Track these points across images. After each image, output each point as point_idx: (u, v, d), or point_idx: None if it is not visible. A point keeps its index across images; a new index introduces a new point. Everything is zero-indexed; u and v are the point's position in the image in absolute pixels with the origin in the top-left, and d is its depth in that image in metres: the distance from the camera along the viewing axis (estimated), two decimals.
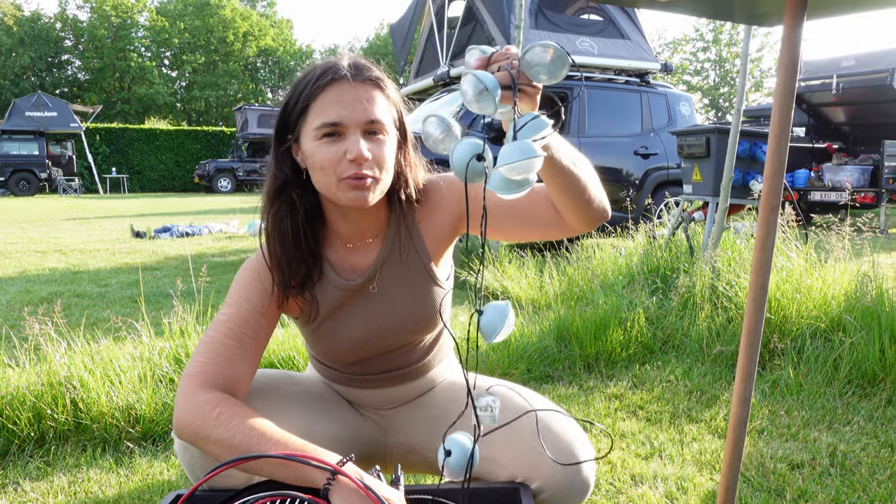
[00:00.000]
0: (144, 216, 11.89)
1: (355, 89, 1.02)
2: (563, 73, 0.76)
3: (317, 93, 1.02)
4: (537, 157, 0.71)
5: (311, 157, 1.03)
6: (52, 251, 6.78)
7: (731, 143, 3.63)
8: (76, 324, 3.39)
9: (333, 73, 1.02)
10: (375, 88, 1.05)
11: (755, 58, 31.92)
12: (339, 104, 1.01)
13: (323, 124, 1.01)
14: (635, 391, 2.54)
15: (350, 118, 1.01)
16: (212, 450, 0.95)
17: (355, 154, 1.00)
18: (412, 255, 1.18)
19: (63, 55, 38.02)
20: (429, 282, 1.19)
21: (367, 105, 1.02)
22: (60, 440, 2.07)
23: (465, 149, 0.74)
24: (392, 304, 1.18)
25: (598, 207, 1.04)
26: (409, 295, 1.18)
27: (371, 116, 1.02)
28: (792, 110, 0.98)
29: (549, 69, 0.76)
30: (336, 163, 1.01)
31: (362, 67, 1.05)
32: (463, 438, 0.86)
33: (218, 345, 1.04)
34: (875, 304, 2.71)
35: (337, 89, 1.01)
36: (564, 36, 6.36)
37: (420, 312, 1.19)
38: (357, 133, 1.01)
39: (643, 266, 3.77)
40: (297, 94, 1.04)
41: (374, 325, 1.18)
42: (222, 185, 22.52)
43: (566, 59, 0.74)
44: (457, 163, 0.74)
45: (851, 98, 9.23)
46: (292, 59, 44.56)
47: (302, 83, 1.04)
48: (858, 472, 1.84)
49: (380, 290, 1.18)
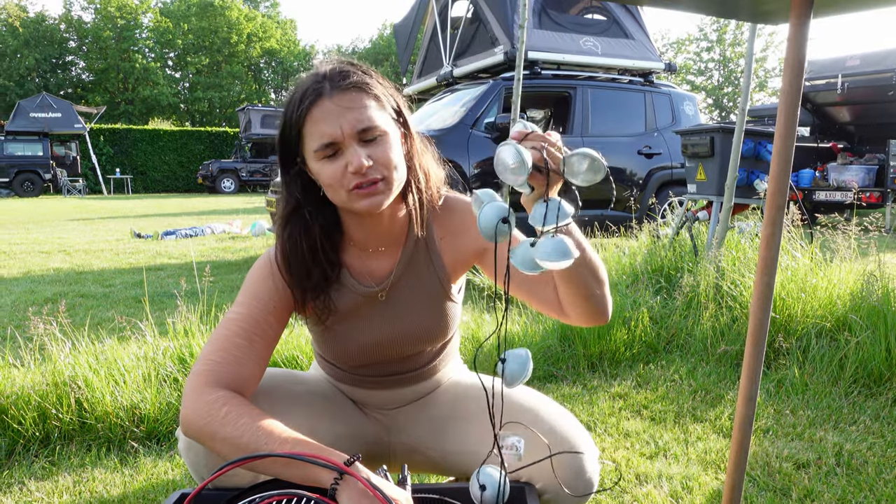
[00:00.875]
0: (148, 217, 11.92)
1: (337, 103, 1.01)
2: (596, 179, 0.82)
3: (303, 117, 1.01)
4: (571, 260, 0.77)
5: (318, 176, 1.04)
6: (57, 252, 6.80)
7: (736, 143, 3.62)
8: (80, 324, 3.40)
9: (314, 92, 1.01)
10: (359, 93, 1.03)
11: (760, 57, 31.85)
12: (325, 122, 1.00)
13: (319, 147, 1.01)
14: (639, 391, 2.53)
15: (340, 133, 1.00)
16: (219, 448, 0.95)
17: (356, 166, 1.00)
18: (429, 270, 1.18)
19: (67, 56, 38.14)
20: (443, 297, 1.20)
21: (354, 114, 1.01)
22: (65, 440, 2.07)
23: (492, 212, 0.79)
24: (405, 315, 1.18)
25: (597, 311, 1.09)
26: (422, 308, 1.19)
27: (360, 125, 1.01)
28: (798, 109, 0.97)
29: (586, 176, 0.82)
30: (340, 178, 1.01)
31: (339, 76, 1.03)
32: (495, 473, 0.94)
33: (228, 343, 1.04)
34: (881, 303, 2.70)
35: (320, 109, 1.00)
36: (568, 35, 6.34)
37: (432, 325, 1.20)
38: (353, 145, 1.01)
39: (647, 265, 3.77)
40: (288, 122, 1.04)
41: (386, 333, 1.18)
42: (226, 186, 22.56)
43: (603, 170, 0.81)
44: (484, 226, 0.80)
45: (856, 98, 9.19)
46: (296, 60, 44.62)
47: (289, 110, 1.04)
48: (865, 472, 1.83)
49: (394, 300, 1.18)
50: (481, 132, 5.57)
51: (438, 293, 1.19)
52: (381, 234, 1.15)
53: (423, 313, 1.19)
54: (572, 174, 0.83)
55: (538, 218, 0.80)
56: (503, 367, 0.83)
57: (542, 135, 0.87)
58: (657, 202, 6.15)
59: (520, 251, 0.79)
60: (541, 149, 0.85)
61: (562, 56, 6.23)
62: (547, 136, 0.87)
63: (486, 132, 5.58)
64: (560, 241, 0.77)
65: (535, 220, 0.80)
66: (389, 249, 1.17)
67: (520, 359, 0.83)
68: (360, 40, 53.98)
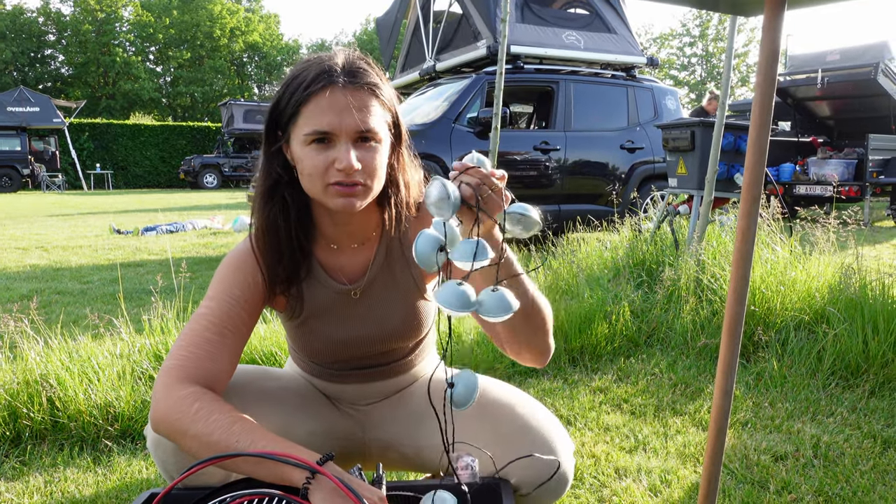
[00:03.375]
0: (129, 212, 11.78)
1: (348, 96, 0.98)
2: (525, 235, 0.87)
3: (308, 98, 0.98)
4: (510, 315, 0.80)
5: (299, 160, 1.02)
6: (34, 248, 6.69)
7: (716, 137, 3.63)
8: (56, 321, 3.35)
9: (326, 77, 0.99)
10: (370, 95, 1.01)
11: (741, 53, 32.11)
12: (330, 111, 0.98)
13: (313, 132, 0.98)
14: (620, 384, 2.53)
15: (341, 127, 0.98)
16: (189, 445, 0.92)
17: (345, 165, 0.98)
18: (403, 269, 1.17)
19: (46, 50, 37.53)
20: (417, 295, 1.19)
21: (360, 114, 0.99)
22: (37, 439, 2.03)
23: (427, 243, 0.82)
24: (378, 312, 1.17)
25: (531, 358, 1.10)
26: (396, 307, 1.18)
27: (363, 126, 0.99)
28: (773, 99, 0.96)
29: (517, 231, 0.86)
30: (324, 170, 0.99)
31: (357, 72, 1.01)
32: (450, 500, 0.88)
33: (199, 338, 1.01)
34: (858, 296, 2.72)
35: (329, 96, 0.98)
36: (550, 30, 6.33)
37: (406, 323, 1.19)
38: (347, 142, 0.99)
39: (628, 259, 3.77)
40: (289, 95, 1.01)
41: (359, 331, 1.17)
42: (208, 181, 22.35)
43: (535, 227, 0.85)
44: (421, 258, 0.82)
45: (836, 92, 9.28)
46: (279, 55, 44.27)
47: (294, 83, 1.00)
48: (841, 463, 1.85)
49: (368, 298, 1.17)
50: (464, 126, 5.56)
51: (413, 292, 1.18)
52: (352, 231, 1.14)
53: (398, 312, 1.18)
54: (509, 226, 0.85)
55: (460, 255, 0.80)
56: (451, 391, 0.84)
57: (479, 171, 0.88)
58: (639, 196, 6.17)
59: (444, 292, 0.79)
60: (476, 186, 0.86)
61: (544, 50, 6.23)
62: (489, 174, 0.88)
63: (468, 126, 5.57)
64: (502, 297, 0.80)
65: (457, 256, 0.81)
66: (362, 248, 1.16)
67: (468, 383, 0.84)
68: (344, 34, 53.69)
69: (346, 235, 1.14)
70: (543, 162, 5.83)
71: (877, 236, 7.32)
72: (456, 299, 0.78)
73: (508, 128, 6.24)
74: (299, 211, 1.09)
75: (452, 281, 0.80)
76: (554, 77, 6.11)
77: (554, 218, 5.83)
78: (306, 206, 1.11)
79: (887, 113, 9.14)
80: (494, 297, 0.80)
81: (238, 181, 22.84)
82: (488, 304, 0.80)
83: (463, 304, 0.78)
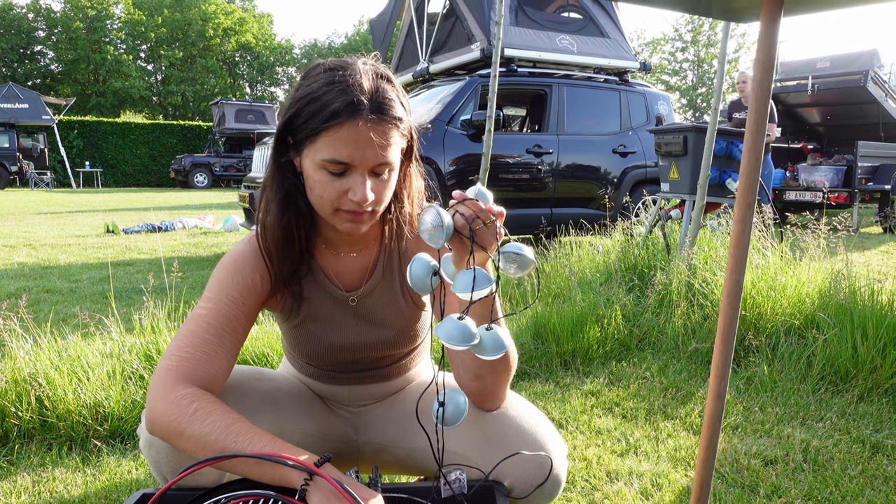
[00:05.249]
0: (118, 211, 11.70)
1: (370, 131, 0.96)
2: (519, 275, 0.88)
3: (329, 127, 0.96)
4: (504, 353, 0.84)
5: (310, 178, 1.01)
6: (22, 246, 6.64)
7: (708, 142, 3.65)
8: (44, 319, 3.32)
9: (350, 110, 0.95)
10: (393, 129, 0.99)
11: (732, 58, 32.30)
12: (352, 144, 0.96)
13: (332, 160, 0.97)
14: (611, 388, 2.54)
15: (361, 161, 0.97)
16: (185, 445, 0.92)
17: (359, 198, 0.98)
18: (402, 282, 1.19)
19: (36, 46, 37.30)
20: (413, 306, 1.21)
21: (381, 150, 0.98)
22: (25, 439, 2.02)
23: (421, 268, 0.85)
24: (375, 320, 1.19)
25: (481, 399, 1.11)
26: (393, 315, 1.19)
27: (382, 160, 0.98)
28: (768, 106, 0.97)
29: (512, 271, 0.87)
30: (336, 197, 0.99)
31: (383, 105, 0.98)
32: None
33: (196, 339, 1.01)
34: (848, 301, 2.74)
35: (351, 130, 0.95)
36: (544, 33, 6.35)
37: (402, 333, 1.20)
38: (364, 174, 0.98)
39: (620, 264, 3.79)
40: (309, 115, 0.97)
41: (355, 336, 1.19)
42: (198, 181, 22.24)
43: (529, 266, 0.86)
44: (416, 283, 0.85)
45: (826, 99, 9.37)
46: (272, 55, 44.16)
47: (316, 105, 0.96)
48: (831, 468, 1.86)
49: (365, 306, 1.18)
50: (457, 129, 5.56)
51: (409, 302, 1.20)
52: (353, 240, 1.15)
53: (394, 322, 1.19)
54: (503, 265, 0.87)
55: (460, 286, 0.83)
56: (442, 410, 0.86)
57: (476, 203, 0.87)
58: (631, 201, 6.20)
59: (446, 327, 0.82)
60: (470, 218, 0.86)
61: (538, 54, 6.24)
62: (486, 209, 0.87)
63: (462, 129, 5.57)
64: (496, 337, 0.84)
65: (457, 287, 0.83)
66: (361, 255, 1.17)
67: (457, 403, 0.86)
68: (337, 35, 53.66)
69: (346, 243, 1.15)
70: (536, 165, 5.84)
71: (866, 243, 7.38)
72: (458, 333, 0.81)
73: (501, 131, 6.26)
74: (310, 217, 1.10)
75: (453, 315, 0.82)
76: (547, 81, 6.12)
77: (546, 221, 5.84)
78: (312, 211, 1.11)
79: (876, 120, 9.23)
80: (490, 335, 0.84)
81: (229, 181, 22.76)
82: (485, 341, 0.84)
83: (464, 339, 0.81)
